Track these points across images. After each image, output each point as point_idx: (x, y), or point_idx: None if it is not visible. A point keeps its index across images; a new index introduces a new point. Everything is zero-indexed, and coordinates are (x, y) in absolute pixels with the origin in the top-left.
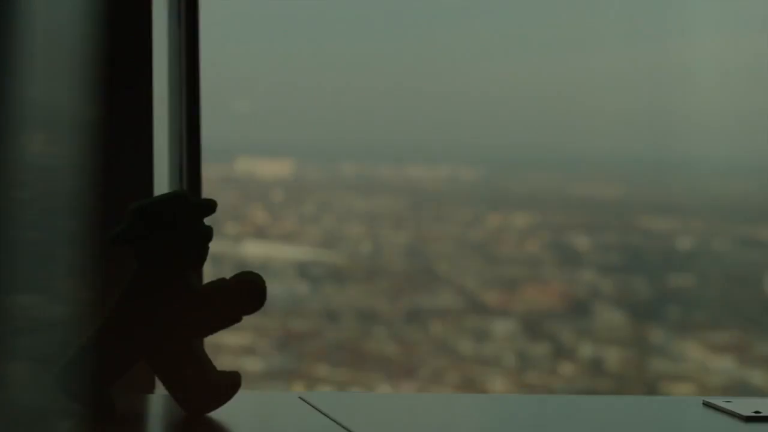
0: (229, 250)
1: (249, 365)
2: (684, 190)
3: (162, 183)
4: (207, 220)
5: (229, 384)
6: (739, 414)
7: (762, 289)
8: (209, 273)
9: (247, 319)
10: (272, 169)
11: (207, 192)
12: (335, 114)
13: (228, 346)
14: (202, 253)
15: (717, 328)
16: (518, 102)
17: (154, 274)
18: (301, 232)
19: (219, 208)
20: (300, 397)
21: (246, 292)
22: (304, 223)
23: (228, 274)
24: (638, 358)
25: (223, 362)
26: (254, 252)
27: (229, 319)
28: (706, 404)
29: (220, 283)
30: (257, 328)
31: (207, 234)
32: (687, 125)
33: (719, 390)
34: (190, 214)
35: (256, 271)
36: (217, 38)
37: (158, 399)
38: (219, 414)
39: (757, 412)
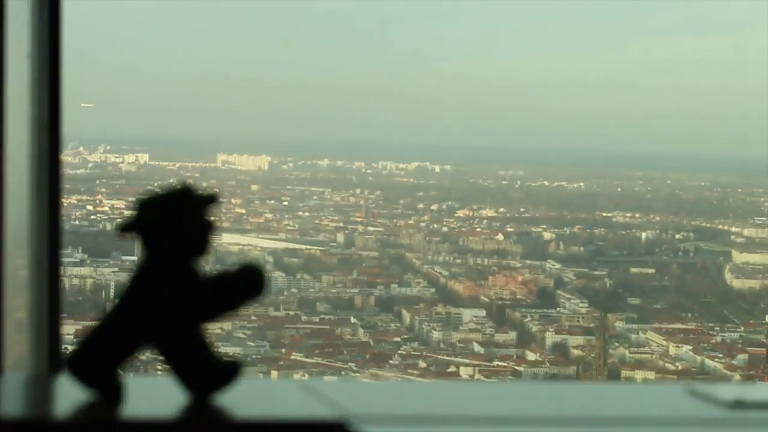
0: None
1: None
2: (645, 185)
3: (20, 173)
4: None
5: (231, 369)
6: (722, 400)
7: (719, 280)
8: None
9: None
10: (250, 163)
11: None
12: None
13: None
14: (205, 244)
15: (677, 317)
16: (486, 101)
17: (160, 263)
18: (278, 224)
19: None
20: (301, 384)
21: (248, 281)
22: (281, 215)
23: (207, 265)
24: (601, 345)
25: None
26: (232, 243)
27: (231, 306)
28: (691, 391)
29: (223, 272)
30: (234, 316)
31: (210, 225)
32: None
33: (679, 376)
34: (194, 206)
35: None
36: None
37: (164, 383)
38: (222, 398)
39: (739, 398)
